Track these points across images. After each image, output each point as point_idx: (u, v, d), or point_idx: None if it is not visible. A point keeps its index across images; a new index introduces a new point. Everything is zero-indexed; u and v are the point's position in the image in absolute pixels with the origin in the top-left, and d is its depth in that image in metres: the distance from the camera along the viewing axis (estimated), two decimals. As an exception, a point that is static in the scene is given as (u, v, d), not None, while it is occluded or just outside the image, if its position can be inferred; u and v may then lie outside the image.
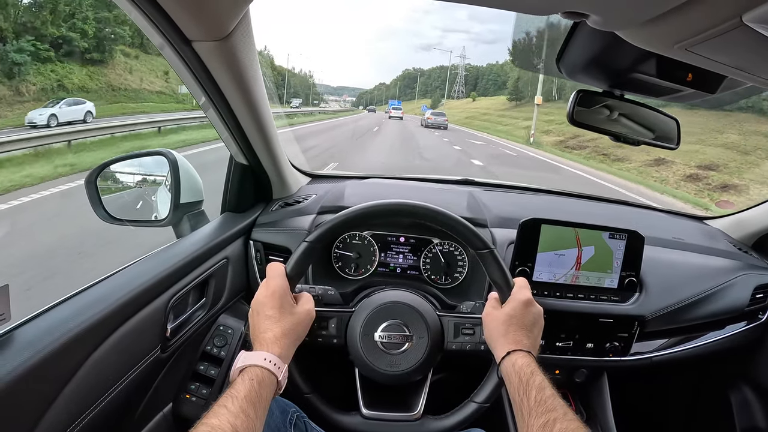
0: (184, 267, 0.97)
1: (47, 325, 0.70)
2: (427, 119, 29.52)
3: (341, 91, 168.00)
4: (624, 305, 1.19)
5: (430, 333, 0.91)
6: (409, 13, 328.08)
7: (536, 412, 0.69)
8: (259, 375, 0.70)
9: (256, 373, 0.70)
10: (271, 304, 0.80)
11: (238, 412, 0.62)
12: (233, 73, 0.88)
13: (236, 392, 0.66)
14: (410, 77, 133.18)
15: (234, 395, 0.65)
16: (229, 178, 1.26)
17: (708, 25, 0.52)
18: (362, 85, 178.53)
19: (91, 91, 21.30)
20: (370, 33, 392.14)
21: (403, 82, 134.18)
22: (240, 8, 0.73)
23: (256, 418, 0.64)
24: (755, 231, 1.51)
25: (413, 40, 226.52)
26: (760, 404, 1.46)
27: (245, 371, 0.70)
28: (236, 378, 0.70)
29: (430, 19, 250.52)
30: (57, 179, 6.25)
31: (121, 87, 24.01)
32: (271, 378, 0.71)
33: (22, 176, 6.27)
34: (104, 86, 22.82)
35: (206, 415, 0.62)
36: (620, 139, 0.98)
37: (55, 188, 5.85)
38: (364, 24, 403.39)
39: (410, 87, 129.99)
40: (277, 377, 0.72)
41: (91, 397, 0.73)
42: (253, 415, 0.64)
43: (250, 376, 0.69)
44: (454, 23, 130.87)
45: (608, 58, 0.81)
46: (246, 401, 0.64)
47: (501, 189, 1.74)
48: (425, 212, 0.93)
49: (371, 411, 0.91)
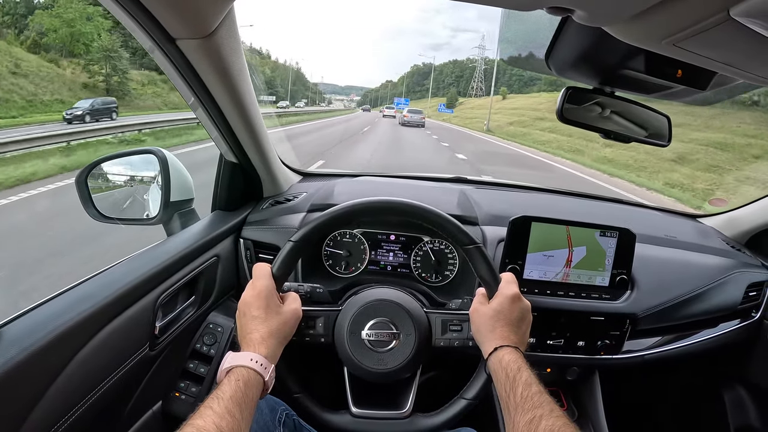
0: (173, 265, 0.97)
1: (34, 322, 0.70)
2: (404, 117, 29.41)
3: (349, 90, 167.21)
4: (615, 303, 1.18)
5: (418, 330, 0.91)
6: (418, 13, 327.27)
7: (522, 409, 0.68)
8: (246, 376, 0.70)
9: (243, 373, 0.70)
10: (257, 304, 0.80)
11: (223, 413, 0.62)
12: (219, 71, 0.88)
13: (222, 393, 0.66)
14: (420, 73, 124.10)
15: (220, 396, 0.65)
16: (219, 177, 1.26)
17: (695, 19, 0.52)
18: (370, 84, 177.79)
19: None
20: (379, 33, 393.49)
21: (411, 79, 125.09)
22: (223, 6, 0.73)
23: (242, 419, 0.64)
24: (748, 229, 1.51)
25: (422, 40, 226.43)
26: (754, 403, 1.46)
27: (231, 372, 0.70)
28: (223, 379, 0.70)
29: (440, 19, 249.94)
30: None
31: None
32: (257, 378, 0.71)
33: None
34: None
35: (192, 416, 0.62)
36: (611, 137, 0.97)
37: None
38: (373, 24, 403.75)
39: (420, 84, 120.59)
40: (264, 378, 0.73)
41: (78, 394, 0.73)
42: (239, 416, 0.64)
43: (236, 376, 0.69)
44: (464, 23, 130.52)
45: (597, 55, 0.81)
46: (232, 402, 0.65)
47: (493, 187, 1.74)
48: (412, 210, 0.92)
49: (360, 409, 0.90)
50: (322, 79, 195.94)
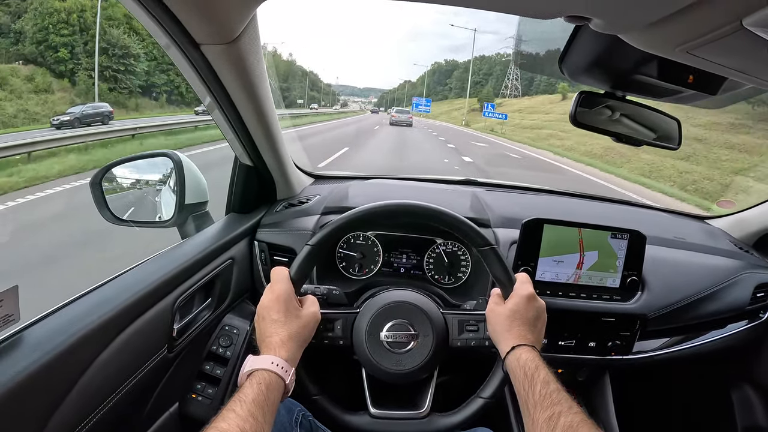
0: (189, 268, 0.98)
1: (55, 326, 0.70)
2: (392, 117, 30.32)
3: (367, 92, 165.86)
4: (626, 304, 1.19)
5: (435, 331, 0.92)
6: (437, 15, 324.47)
7: (541, 406, 0.70)
8: (267, 379, 0.71)
9: (264, 376, 0.71)
10: (277, 308, 0.81)
11: (246, 416, 0.63)
12: (240, 76, 0.89)
13: (244, 396, 0.66)
14: (441, 71, 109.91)
15: (242, 399, 0.66)
16: (234, 179, 1.26)
17: (709, 28, 0.53)
18: (389, 86, 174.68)
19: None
20: (399, 35, 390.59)
21: (432, 78, 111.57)
22: (248, 12, 0.74)
23: (264, 421, 0.65)
24: (756, 230, 1.51)
25: (442, 42, 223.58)
26: (762, 403, 1.47)
27: (253, 375, 0.71)
28: (244, 382, 0.71)
29: (460, 21, 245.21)
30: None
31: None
32: (278, 381, 0.72)
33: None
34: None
35: (215, 419, 0.62)
36: (622, 140, 0.98)
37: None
38: (393, 26, 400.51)
39: (441, 83, 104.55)
40: (285, 380, 0.73)
41: (99, 397, 0.74)
42: (261, 419, 0.64)
43: (258, 380, 0.70)
44: (485, 24, 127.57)
45: (610, 61, 0.82)
46: (254, 405, 0.65)
47: (504, 189, 1.74)
48: (427, 212, 0.93)
49: (379, 410, 0.91)
50: (337, 80, 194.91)
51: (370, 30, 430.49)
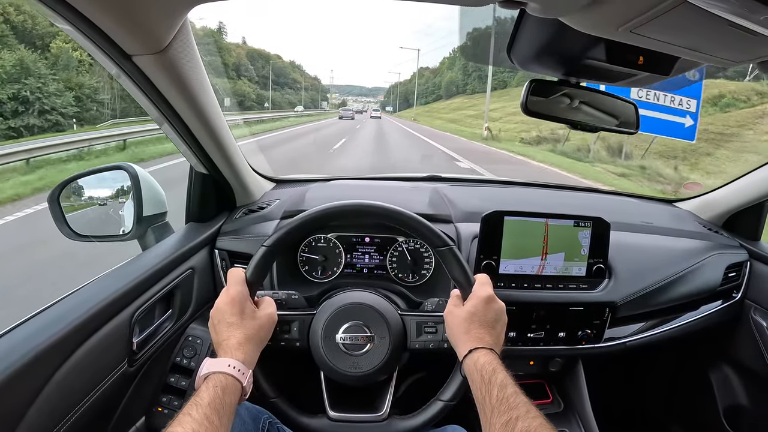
0: (147, 279, 0.96)
1: (8, 345, 0.69)
2: (371, 114, 38.22)
3: (376, 92, 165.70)
4: (593, 292, 1.19)
5: (392, 333, 0.91)
6: (446, 11, 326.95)
7: (498, 411, 0.68)
8: (223, 381, 0.70)
9: (220, 379, 0.70)
10: (232, 310, 0.80)
11: (202, 420, 0.62)
12: (178, 84, 0.87)
13: (200, 400, 0.66)
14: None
15: (198, 403, 0.65)
16: (190, 188, 1.24)
17: (649, 4, 0.52)
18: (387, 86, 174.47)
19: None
20: (407, 33, 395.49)
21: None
22: (175, 20, 0.73)
23: (220, 425, 0.64)
24: (724, 210, 1.52)
25: (453, 39, 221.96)
26: (741, 381, 1.48)
27: (209, 378, 0.71)
28: (200, 385, 0.70)
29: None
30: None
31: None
32: (235, 384, 0.72)
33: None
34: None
35: (171, 424, 0.62)
36: (578, 127, 0.98)
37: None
38: (401, 25, 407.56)
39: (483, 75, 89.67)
40: (242, 383, 0.73)
41: (58, 415, 0.73)
42: (218, 423, 0.64)
43: (214, 383, 0.70)
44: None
45: (557, 46, 0.81)
46: (210, 408, 0.65)
47: (468, 183, 1.74)
48: (382, 212, 0.93)
49: (338, 413, 0.91)
50: (332, 81, 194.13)
51: (378, 29, 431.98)
